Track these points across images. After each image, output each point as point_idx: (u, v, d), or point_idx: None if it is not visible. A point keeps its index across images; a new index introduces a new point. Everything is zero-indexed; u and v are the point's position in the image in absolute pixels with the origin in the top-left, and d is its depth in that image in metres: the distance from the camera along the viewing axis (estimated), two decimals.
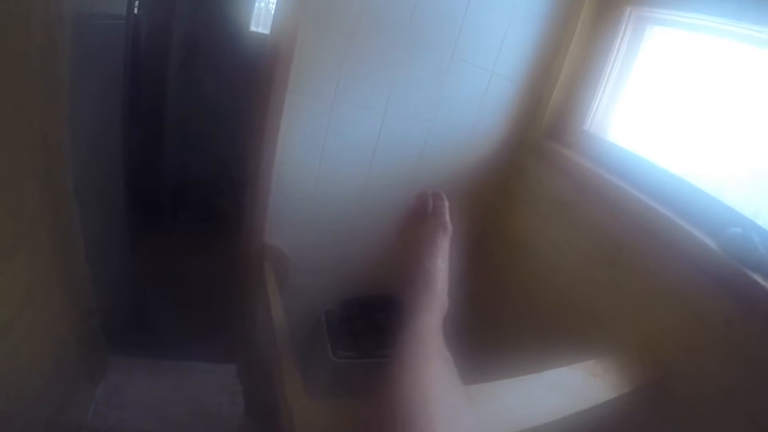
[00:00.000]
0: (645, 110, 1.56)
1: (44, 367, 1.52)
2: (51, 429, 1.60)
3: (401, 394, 0.56)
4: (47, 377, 1.54)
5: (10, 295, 1.28)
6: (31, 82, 1.24)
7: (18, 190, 1.30)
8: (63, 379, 1.67)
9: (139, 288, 2.42)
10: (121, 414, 1.86)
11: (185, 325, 2.27)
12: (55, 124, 1.37)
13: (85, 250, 1.64)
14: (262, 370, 1.59)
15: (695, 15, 1.37)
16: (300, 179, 1.62)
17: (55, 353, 1.60)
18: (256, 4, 2.97)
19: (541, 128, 1.74)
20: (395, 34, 1.49)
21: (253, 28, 2.96)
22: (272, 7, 2.76)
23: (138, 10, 2.28)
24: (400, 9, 1.47)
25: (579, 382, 1.07)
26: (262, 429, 1.86)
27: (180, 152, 3.07)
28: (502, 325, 1.80)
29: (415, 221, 0.84)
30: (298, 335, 1.82)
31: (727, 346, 1.06)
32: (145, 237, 2.72)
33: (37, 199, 1.39)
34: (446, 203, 0.84)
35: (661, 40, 1.54)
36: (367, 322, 1.77)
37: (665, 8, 1.47)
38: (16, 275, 1.31)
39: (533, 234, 1.73)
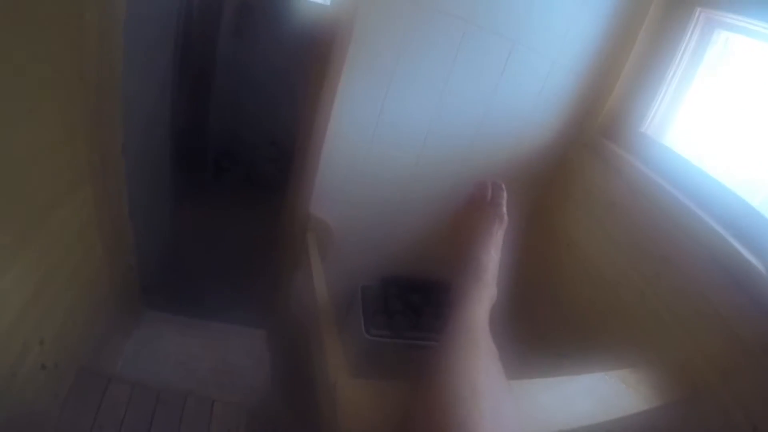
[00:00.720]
0: (706, 117, 1.52)
1: (81, 317, 1.55)
2: (81, 377, 1.64)
3: (449, 382, 0.57)
4: (83, 327, 1.58)
5: (53, 247, 1.32)
6: (86, 44, 1.25)
7: (69, 148, 1.34)
8: (97, 330, 1.71)
9: (178, 247, 2.45)
10: (150, 367, 1.90)
11: (220, 287, 2.30)
12: (108, 86, 1.38)
13: (129, 207, 1.66)
14: (297, 340, 1.61)
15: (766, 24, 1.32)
16: (350, 153, 1.60)
17: (92, 304, 1.64)
18: None
19: (597, 125, 1.70)
20: (459, 12, 1.45)
21: None
22: None
23: None
24: None
25: (612, 390, 1.07)
26: (286, 397, 1.88)
27: (229, 117, 3.09)
28: (539, 322, 1.80)
29: (472, 209, 0.84)
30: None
31: (762, 375, 1.05)
32: (190, 198, 2.76)
33: (86, 157, 1.42)
34: (505, 194, 0.84)
35: (728, 46, 1.50)
36: (403, 302, 1.78)
37: (736, 13, 1.41)
38: (59, 229, 1.34)
39: (580, 231, 1.71)
